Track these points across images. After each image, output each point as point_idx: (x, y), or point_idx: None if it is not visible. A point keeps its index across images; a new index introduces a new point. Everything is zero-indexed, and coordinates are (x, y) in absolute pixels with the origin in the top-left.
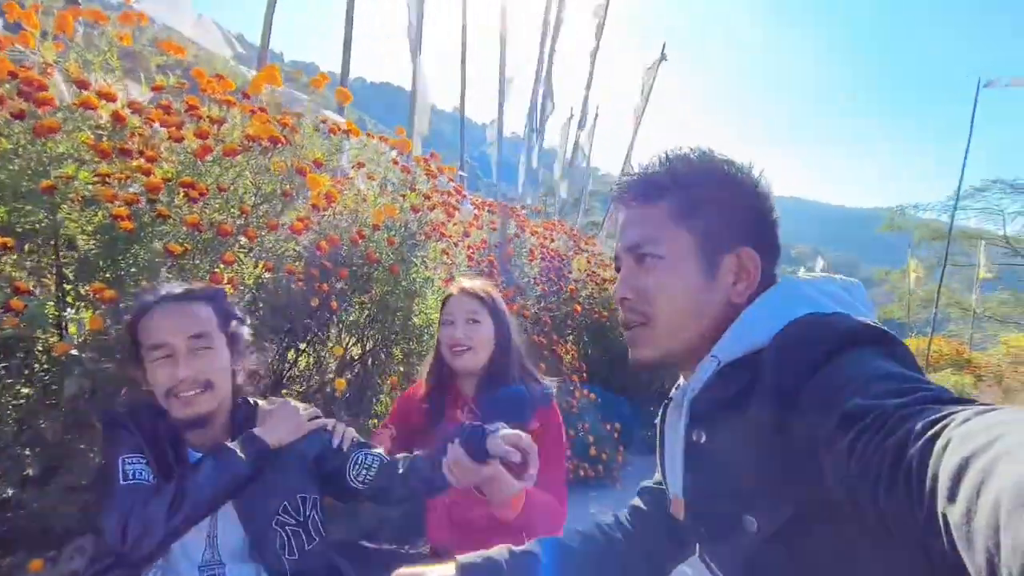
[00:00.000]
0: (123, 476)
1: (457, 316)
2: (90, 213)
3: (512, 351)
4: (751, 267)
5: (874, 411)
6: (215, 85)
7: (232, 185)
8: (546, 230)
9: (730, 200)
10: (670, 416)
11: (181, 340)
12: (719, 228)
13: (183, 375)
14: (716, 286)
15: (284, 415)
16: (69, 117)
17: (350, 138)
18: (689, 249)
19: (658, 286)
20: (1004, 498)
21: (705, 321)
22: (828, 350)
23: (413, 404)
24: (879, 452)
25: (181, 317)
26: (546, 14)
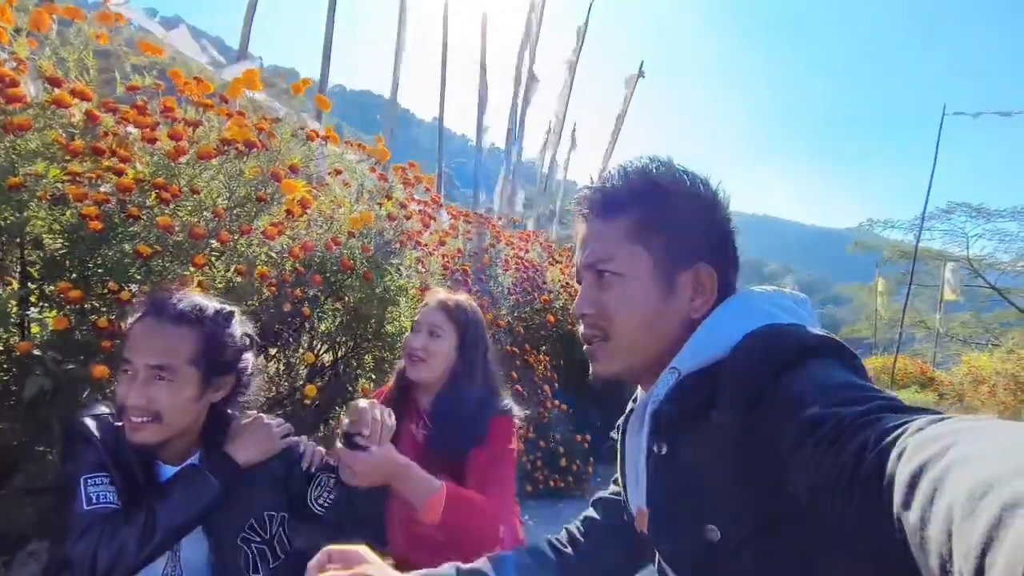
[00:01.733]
0: (86, 500)
1: (422, 325)
2: (58, 211)
3: (475, 371)
4: (708, 283)
5: (833, 419)
6: (192, 87)
7: (206, 188)
8: (521, 240)
9: (687, 216)
10: (631, 428)
11: (140, 363)
12: (676, 245)
13: (132, 401)
14: (674, 302)
15: (256, 433)
16: (40, 115)
17: (328, 145)
18: (646, 267)
19: (617, 303)
20: (955, 506)
21: (663, 337)
22: (787, 360)
23: None
24: (838, 460)
25: (152, 339)
26: (527, 28)
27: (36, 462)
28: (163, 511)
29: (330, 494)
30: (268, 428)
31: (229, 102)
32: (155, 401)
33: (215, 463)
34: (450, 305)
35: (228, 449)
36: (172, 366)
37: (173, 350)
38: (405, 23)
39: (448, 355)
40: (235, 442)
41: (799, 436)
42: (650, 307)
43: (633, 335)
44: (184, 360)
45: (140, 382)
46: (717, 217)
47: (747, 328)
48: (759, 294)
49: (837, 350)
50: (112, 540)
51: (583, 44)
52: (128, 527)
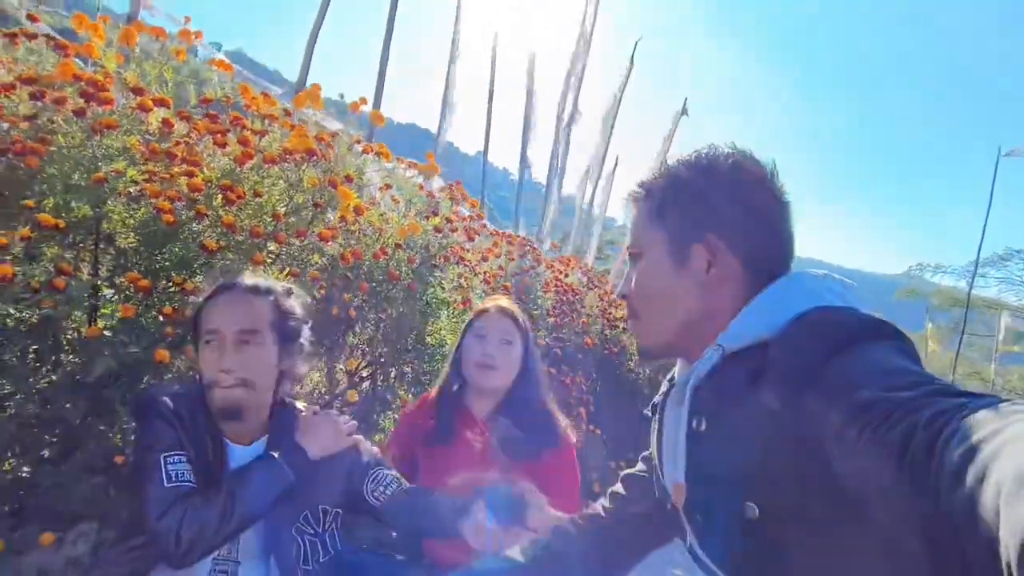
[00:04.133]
0: (166, 477)
1: (491, 332)
2: (133, 209)
3: (535, 381)
4: (721, 253)
5: (883, 403)
6: (259, 101)
7: (267, 192)
8: (561, 264)
9: (703, 191)
10: (671, 402)
11: (230, 331)
12: (687, 219)
13: (225, 366)
14: (687, 274)
15: (327, 427)
16: (125, 117)
17: (380, 160)
18: (660, 243)
19: (639, 282)
20: (1006, 482)
21: (682, 309)
22: (840, 342)
23: (418, 421)
24: (886, 442)
25: (237, 308)
26: (572, 65)
27: (96, 441)
28: (241, 497)
29: (386, 488)
30: (337, 423)
31: (292, 115)
32: (245, 365)
33: (289, 454)
34: (516, 312)
35: (300, 441)
36: (258, 330)
37: (256, 316)
38: (455, 60)
39: (517, 363)
40: (307, 435)
41: (850, 418)
42: (663, 282)
43: (652, 311)
44: (265, 325)
45: (230, 348)
46: (746, 191)
47: (797, 309)
48: (811, 276)
49: (890, 334)
50: (194, 519)
51: (628, 80)
52: (209, 508)
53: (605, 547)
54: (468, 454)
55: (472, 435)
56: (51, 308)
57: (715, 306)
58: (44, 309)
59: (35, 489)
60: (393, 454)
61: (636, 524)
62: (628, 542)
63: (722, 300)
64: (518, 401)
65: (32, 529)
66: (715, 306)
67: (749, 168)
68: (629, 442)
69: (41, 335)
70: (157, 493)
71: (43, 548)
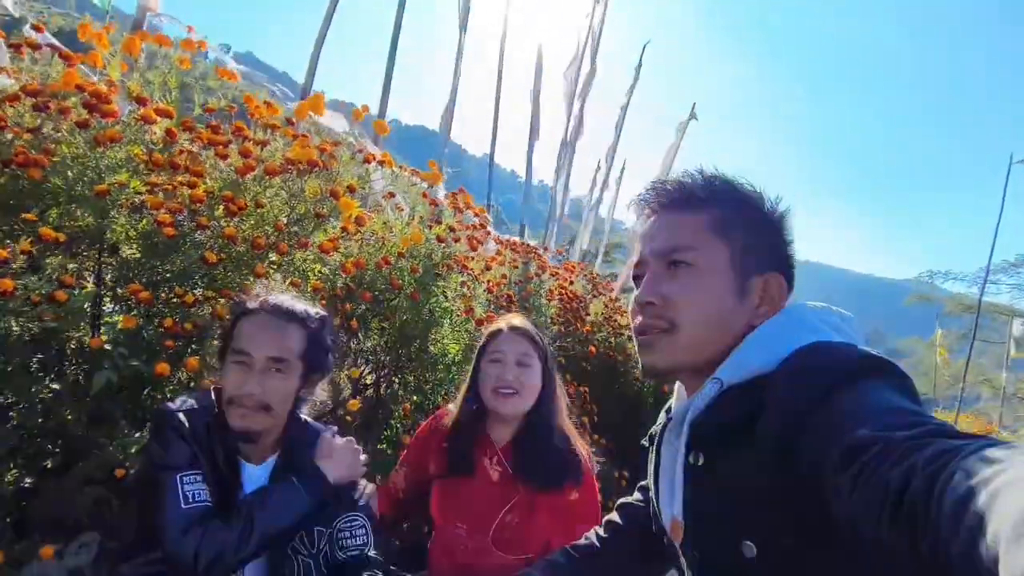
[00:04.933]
0: (183, 499)
1: (508, 355)
2: (135, 219)
3: (557, 404)
4: (776, 293)
5: (880, 442)
6: (262, 110)
7: (269, 203)
8: (566, 271)
9: (762, 224)
10: (668, 436)
11: (262, 356)
12: (754, 248)
13: (249, 390)
14: (744, 305)
15: (347, 455)
16: (128, 128)
17: (383, 168)
18: (724, 263)
19: (688, 294)
20: (1004, 531)
21: (727, 338)
22: (837, 379)
23: (433, 443)
24: (883, 482)
25: (272, 335)
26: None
27: (98, 452)
28: (261, 520)
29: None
30: (357, 452)
31: (294, 124)
32: (269, 392)
33: (309, 478)
34: (532, 332)
35: (320, 463)
36: (287, 359)
37: (289, 346)
38: (461, 62)
39: (538, 385)
40: (328, 458)
41: (846, 457)
42: (720, 304)
43: (698, 330)
44: (296, 355)
45: (258, 373)
46: (784, 232)
47: (795, 344)
48: (808, 310)
49: (887, 371)
50: (213, 541)
51: (636, 83)
52: (229, 531)
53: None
54: (485, 485)
55: (491, 465)
56: (53, 320)
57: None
58: (46, 321)
59: (37, 500)
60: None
61: (632, 556)
62: (624, 573)
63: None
64: (537, 426)
65: (33, 540)
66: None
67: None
68: (634, 452)
69: (44, 346)
70: (175, 515)
71: (44, 559)
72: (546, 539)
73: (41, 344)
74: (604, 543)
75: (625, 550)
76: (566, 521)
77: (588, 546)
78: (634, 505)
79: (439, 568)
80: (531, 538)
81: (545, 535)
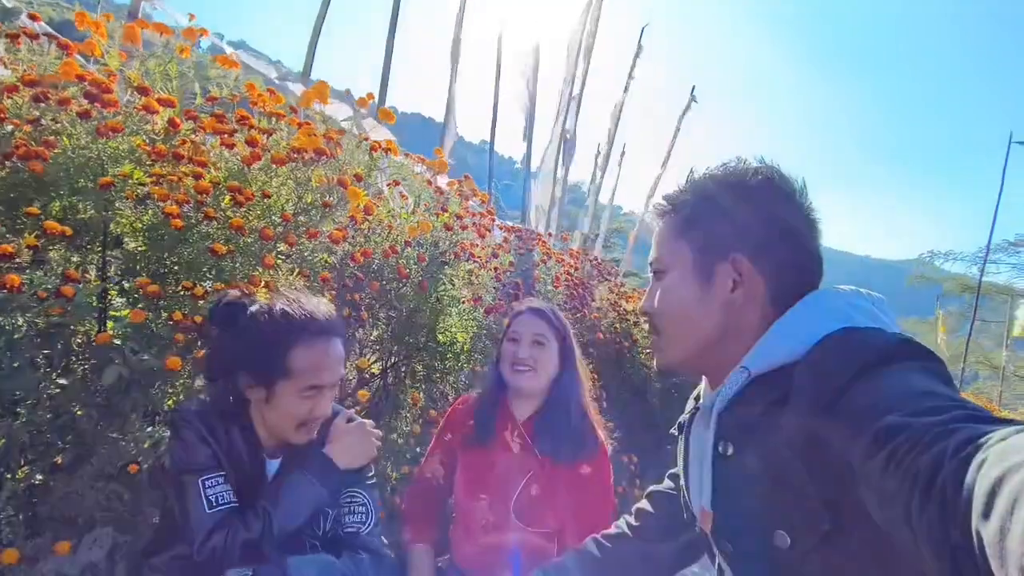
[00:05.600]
0: (207, 503)
1: (523, 335)
2: (140, 211)
3: (576, 382)
4: (747, 273)
5: (910, 428)
6: (266, 99)
7: (276, 193)
8: (572, 257)
9: (730, 207)
10: (696, 426)
11: (333, 382)
12: (714, 236)
13: (325, 411)
14: (712, 293)
15: (359, 439)
16: (130, 118)
17: (388, 156)
18: (686, 260)
19: (663, 298)
20: None
21: (706, 327)
22: (866, 365)
23: (458, 418)
24: (913, 469)
25: (338, 358)
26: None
27: (109, 448)
28: (277, 516)
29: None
30: (368, 436)
31: (298, 112)
32: (327, 409)
33: (319, 469)
34: (548, 312)
35: (330, 452)
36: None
37: (344, 363)
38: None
39: (554, 363)
40: (337, 445)
41: (875, 444)
42: (688, 299)
43: (675, 328)
44: None
45: (328, 395)
46: (771, 209)
47: (824, 330)
48: (836, 294)
49: (919, 355)
50: (235, 542)
51: (635, 67)
52: (248, 531)
53: (632, 568)
54: (506, 456)
55: (511, 437)
56: (60, 315)
57: (739, 325)
58: (52, 316)
59: (48, 496)
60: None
61: (664, 544)
62: (656, 562)
63: (746, 320)
64: (557, 402)
65: (47, 537)
66: (739, 325)
67: (778, 185)
68: (642, 436)
69: (51, 342)
70: (201, 519)
71: (58, 555)
72: (565, 513)
73: (48, 339)
74: (635, 531)
75: (656, 538)
76: (581, 495)
77: (619, 535)
78: (665, 493)
79: (461, 550)
80: (551, 511)
81: (564, 509)
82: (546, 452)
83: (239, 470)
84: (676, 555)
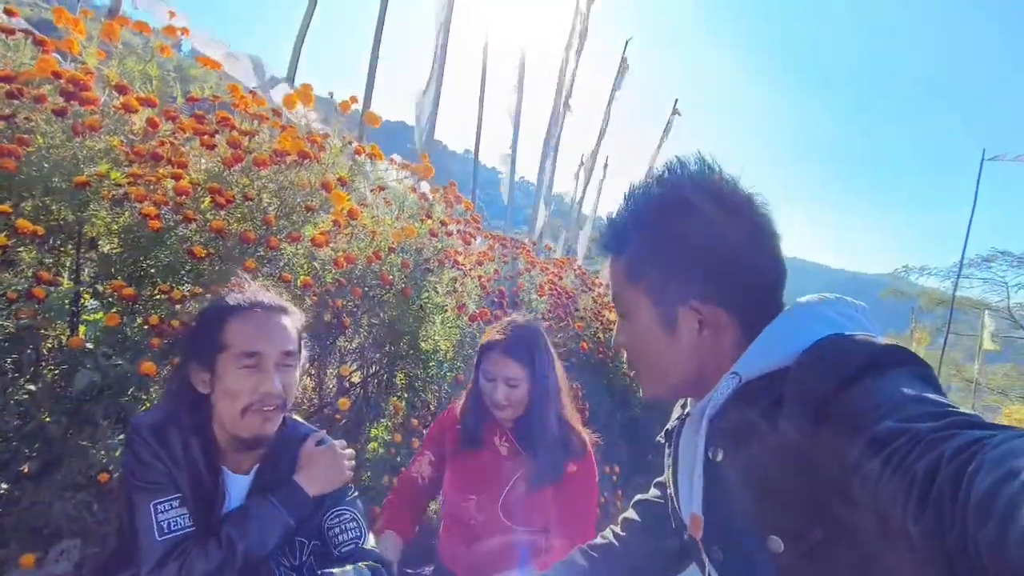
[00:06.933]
0: (158, 530)
1: (497, 376)
2: (116, 213)
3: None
4: (709, 314)
5: (906, 434)
6: (248, 100)
7: (257, 196)
8: (556, 267)
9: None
10: (686, 432)
11: (276, 352)
12: (668, 284)
13: (271, 390)
14: (679, 339)
15: (329, 463)
16: (108, 117)
17: (372, 162)
18: (646, 307)
19: (631, 343)
20: None
21: (681, 367)
22: (858, 370)
23: (449, 422)
24: (910, 475)
25: (278, 329)
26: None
27: (79, 457)
28: (241, 546)
29: (343, 532)
30: (339, 459)
31: (281, 115)
32: (287, 387)
33: (288, 496)
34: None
35: (299, 479)
36: (294, 351)
37: (293, 337)
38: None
39: (527, 396)
40: (307, 471)
41: (870, 450)
42: (657, 346)
43: (651, 371)
44: (297, 345)
45: (273, 371)
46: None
47: (815, 336)
48: (824, 302)
49: (909, 360)
50: (192, 573)
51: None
52: (207, 561)
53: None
54: (494, 457)
55: (499, 441)
56: (30, 318)
57: (713, 357)
58: (23, 320)
59: (14, 507)
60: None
61: (650, 553)
62: (642, 572)
63: (719, 349)
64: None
65: (12, 548)
66: (713, 357)
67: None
68: (624, 447)
69: (20, 346)
70: (151, 547)
71: (23, 568)
72: (552, 512)
73: (18, 344)
74: (622, 541)
75: (643, 547)
76: (568, 493)
77: (606, 545)
78: (651, 501)
79: (449, 553)
80: (538, 511)
81: (551, 507)
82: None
83: (196, 486)
84: (663, 563)
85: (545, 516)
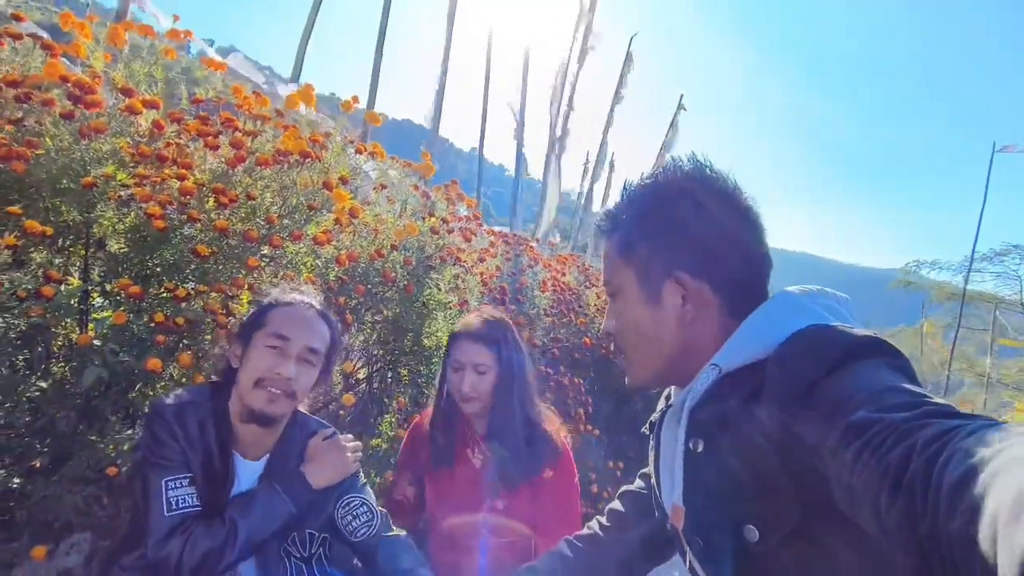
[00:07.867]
0: (167, 505)
1: (465, 364)
2: (123, 213)
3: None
4: (693, 288)
5: (879, 423)
6: (251, 101)
7: (260, 195)
8: (559, 263)
9: (667, 224)
10: (667, 423)
11: (301, 343)
12: (655, 257)
13: (284, 373)
14: (663, 312)
15: (333, 456)
16: (114, 120)
17: (375, 160)
18: (632, 281)
19: (620, 321)
20: (1002, 511)
21: (665, 344)
22: (835, 361)
23: (420, 437)
24: (883, 464)
25: (312, 326)
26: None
27: (88, 451)
28: (243, 528)
29: (355, 518)
30: (345, 452)
31: (284, 116)
32: (299, 380)
33: (292, 486)
34: (488, 336)
35: (305, 471)
36: (320, 352)
37: (323, 340)
38: (449, 56)
39: (494, 381)
40: (312, 464)
41: (845, 439)
42: (642, 320)
43: (636, 349)
44: (324, 351)
45: (294, 359)
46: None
47: (793, 327)
48: (805, 294)
49: (886, 351)
50: (195, 548)
51: (625, 74)
52: (212, 539)
53: (605, 569)
54: (472, 473)
55: (472, 454)
56: (40, 316)
57: (697, 337)
58: (33, 318)
59: (26, 500)
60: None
61: (635, 543)
62: (627, 562)
63: (703, 330)
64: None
65: (23, 542)
66: (697, 337)
67: (711, 187)
68: (627, 442)
69: (30, 343)
70: (158, 521)
71: (35, 561)
72: (533, 520)
73: (28, 341)
74: (606, 531)
75: (628, 537)
76: (547, 499)
77: (591, 535)
78: (636, 492)
79: (437, 560)
80: (519, 520)
81: (532, 516)
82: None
83: (208, 468)
84: (648, 553)
85: (529, 523)
